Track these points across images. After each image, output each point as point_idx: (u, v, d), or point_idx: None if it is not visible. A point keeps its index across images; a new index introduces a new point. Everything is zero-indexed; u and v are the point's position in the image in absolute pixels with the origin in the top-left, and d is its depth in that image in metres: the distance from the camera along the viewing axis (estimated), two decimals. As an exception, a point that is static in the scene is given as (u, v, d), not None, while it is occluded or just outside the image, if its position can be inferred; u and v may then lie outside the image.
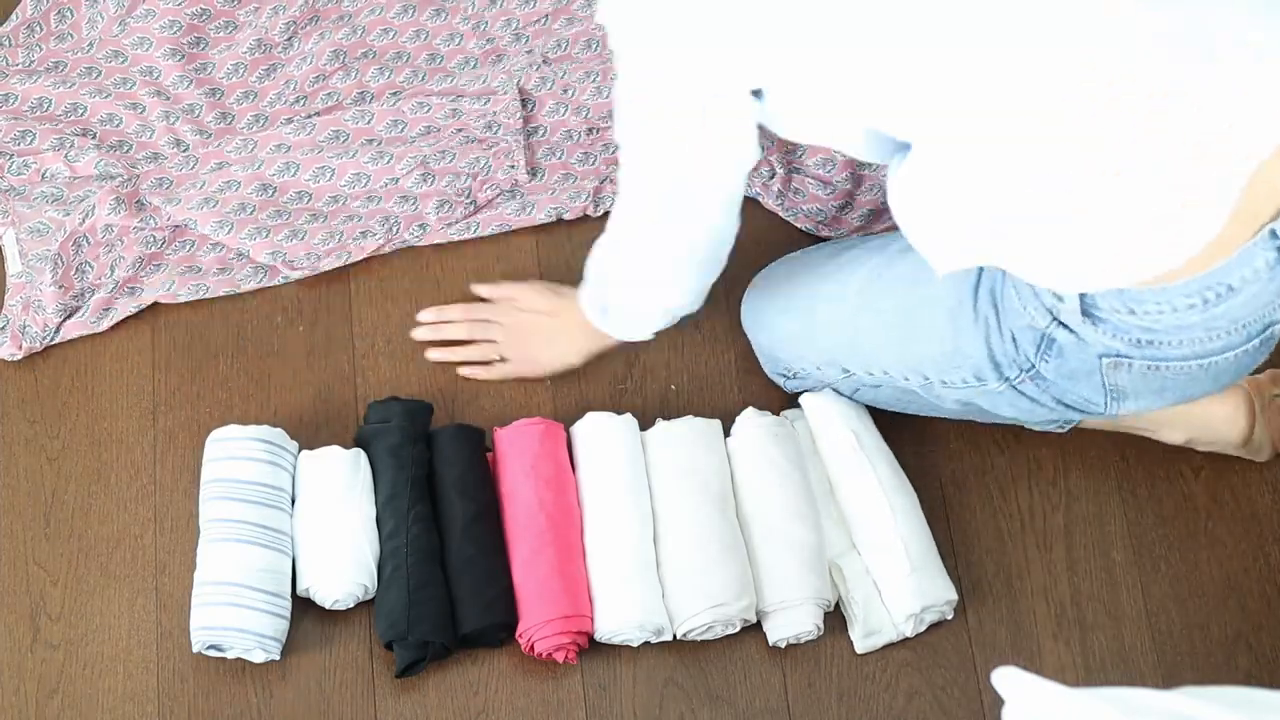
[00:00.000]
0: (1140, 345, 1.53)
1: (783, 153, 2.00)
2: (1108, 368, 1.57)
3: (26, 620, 1.78)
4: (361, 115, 2.01)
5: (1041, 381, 1.63)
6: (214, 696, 1.76)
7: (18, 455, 1.86)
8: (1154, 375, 1.56)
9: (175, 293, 1.92)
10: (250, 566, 1.74)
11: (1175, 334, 1.51)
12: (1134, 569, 1.88)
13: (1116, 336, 1.53)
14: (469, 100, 2.02)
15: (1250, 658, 1.85)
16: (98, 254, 1.93)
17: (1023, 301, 1.58)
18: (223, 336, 1.93)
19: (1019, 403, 1.68)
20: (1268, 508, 1.93)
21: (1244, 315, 1.50)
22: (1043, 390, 1.65)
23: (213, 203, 1.95)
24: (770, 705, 1.79)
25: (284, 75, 2.04)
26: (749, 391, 1.94)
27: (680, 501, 1.81)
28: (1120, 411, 1.63)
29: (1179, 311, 1.49)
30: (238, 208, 1.95)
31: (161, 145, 2.00)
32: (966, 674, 1.82)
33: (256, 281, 1.94)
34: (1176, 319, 1.50)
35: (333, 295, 1.96)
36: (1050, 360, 1.60)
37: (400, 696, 1.77)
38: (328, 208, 1.97)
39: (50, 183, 1.96)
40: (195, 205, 1.95)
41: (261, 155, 1.98)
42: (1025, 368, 1.63)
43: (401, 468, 1.80)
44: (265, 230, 1.94)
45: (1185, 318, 1.49)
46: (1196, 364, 1.55)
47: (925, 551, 1.81)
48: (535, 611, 1.75)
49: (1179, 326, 1.50)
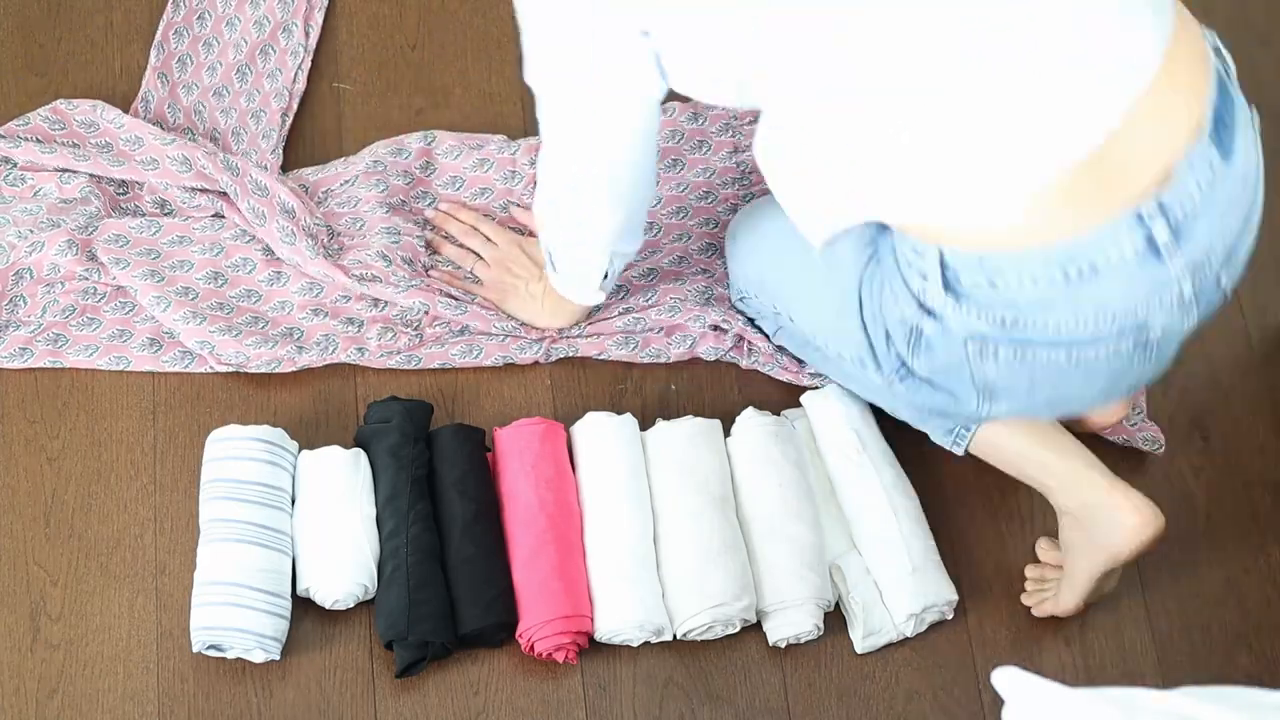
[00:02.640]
0: (1004, 326, 1.50)
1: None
2: (974, 355, 1.54)
3: (26, 620, 1.78)
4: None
5: (913, 380, 1.63)
6: (214, 696, 1.76)
7: (18, 455, 1.86)
8: (1021, 365, 1.53)
9: (95, 361, 1.88)
10: (250, 566, 1.74)
11: (1039, 312, 1.48)
12: (1134, 569, 1.88)
13: (981, 316, 1.51)
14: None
15: (1250, 658, 1.85)
16: (35, 291, 1.90)
17: (894, 293, 1.58)
18: (223, 336, 1.93)
19: (896, 402, 1.70)
20: (1268, 508, 1.93)
21: (1113, 305, 1.48)
22: (915, 390, 1.65)
23: (158, 277, 1.90)
24: (770, 705, 1.79)
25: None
26: (749, 391, 1.94)
27: (680, 501, 1.81)
28: (992, 412, 1.60)
29: (1039, 284, 1.47)
30: (182, 290, 1.91)
31: (146, 201, 1.97)
32: (966, 674, 1.82)
33: (182, 365, 1.89)
34: (1038, 292, 1.47)
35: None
36: (920, 355, 1.59)
37: (400, 696, 1.77)
38: (273, 313, 1.92)
39: (36, 200, 1.94)
40: (141, 275, 1.90)
41: (223, 239, 1.95)
42: (896, 366, 1.63)
43: (401, 468, 1.80)
44: (202, 318, 1.89)
45: (1047, 292, 1.47)
46: (1064, 353, 1.51)
47: (926, 551, 1.81)
48: (535, 611, 1.75)
49: (1042, 302, 1.47)
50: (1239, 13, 2.19)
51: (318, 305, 1.93)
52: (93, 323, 1.90)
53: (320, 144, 2.05)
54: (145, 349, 1.89)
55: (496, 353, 1.92)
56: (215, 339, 1.88)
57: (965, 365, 1.56)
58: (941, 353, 1.57)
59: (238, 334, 1.89)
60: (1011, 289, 1.48)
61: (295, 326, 1.91)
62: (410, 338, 1.91)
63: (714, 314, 1.93)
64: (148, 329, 1.91)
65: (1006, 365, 1.54)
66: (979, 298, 1.50)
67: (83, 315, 1.91)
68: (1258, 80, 2.15)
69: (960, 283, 1.50)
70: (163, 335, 1.90)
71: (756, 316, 1.91)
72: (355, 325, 1.92)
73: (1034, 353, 1.52)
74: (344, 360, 1.90)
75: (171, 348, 1.90)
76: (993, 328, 1.51)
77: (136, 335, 1.90)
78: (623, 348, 1.93)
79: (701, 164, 2.05)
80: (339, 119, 2.07)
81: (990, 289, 1.49)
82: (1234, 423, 1.97)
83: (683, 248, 1.99)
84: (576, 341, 1.93)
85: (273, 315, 1.92)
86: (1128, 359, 1.53)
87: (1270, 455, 1.96)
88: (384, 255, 1.93)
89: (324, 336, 1.91)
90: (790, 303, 1.81)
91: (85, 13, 2.10)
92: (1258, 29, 2.19)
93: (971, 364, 1.55)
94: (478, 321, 1.92)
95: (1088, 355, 1.52)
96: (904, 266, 1.56)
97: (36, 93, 2.03)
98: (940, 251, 1.50)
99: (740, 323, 1.93)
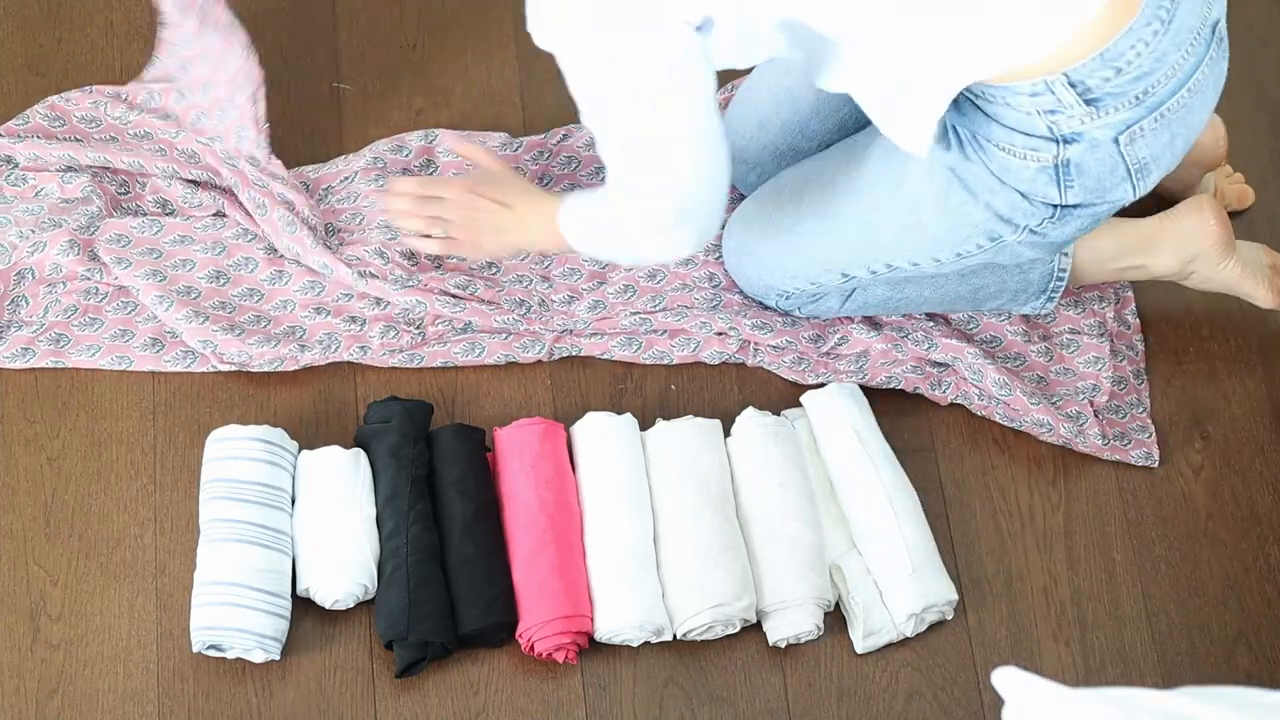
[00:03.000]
0: (1140, 101, 1.59)
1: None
2: (1125, 146, 1.62)
3: (26, 620, 1.78)
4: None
5: (1065, 213, 1.68)
6: (214, 696, 1.76)
7: (18, 455, 1.86)
8: (1162, 127, 1.62)
9: (97, 361, 1.89)
10: (250, 566, 1.74)
11: (1158, 67, 1.58)
12: (1134, 569, 1.88)
13: (1120, 106, 1.59)
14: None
15: (1250, 658, 1.85)
16: (38, 291, 1.90)
17: (1017, 153, 1.63)
18: (223, 336, 1.93)
19: (1040, 243, 1.73)
20: (1268, 508, 1.93)
21: (1194, 22, 1.59)
22: (1063, 223, 1.69)
23: (160, 276, 1.91)
24: (770, 705, 1.79)
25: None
26: (749, 391, 1.94)
27: (680, 501, 1.81)
28: (1148, 187, 1.68)
29: (1150, 43, 1.56)
30: (184, 289, 1.91)
31: (148, 201, 1.97)
32: (966, 674, 1.82)
33: (184, 365, 1.89)
34: (1151, 51, 1.57)
35: (333, 295, 1.96)
36: (1074, 185, 1.65)
37: (400, 696, 1.77)
38: (275, 311, 1.92)
39: (37, 200, 1.94)
40: (143, 274, 1.90)
41: (225, 238, 1.95)
42: (1049, 214, 1.68)
43: (401, 468, 1.80)
44: (204, 316, 1.89)
45: (1156, 45, 1.56)
46: (1186, 92, 1.61)
47: (926, 552, 1.81)
48: (535, 611, 1.75)
49: (1157, 58, 1.57)
50: (1239, 13, 2.19)
51: (320, 304, 1.93)
52: (95, 322, 1.90)
53: (320, 144, 2.05)
54: (147, 348, 1.89)
55: (499, 351, 1.92)
56: (218, 338, 1.88)
57: (1119, 162, 1.63)
58: (1093, 166, 1.63)
59: (240, 333, 1.89)
60: (1133, 64, 1.57)
61: (298, 325, 1.91)
62: (413, 336, 1.91)
63: (720, 320, 1.93)
64: (150, 329, 1.91)
65: (1152, 135, 1.62)
66: (1112, 90, 1.58)
67: (85, 315, 1.91)
68: (1258, 80, 2.15)
69: (1093, 90, 1.58)
70: (165, 335, 1.90)
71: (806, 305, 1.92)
72: (358, 324, 1.92)
73: (1166, 108, 1.61)
74: (347, 359, 1.90)
75: (174, 347, 1.90)
76: (1133, 110, 1.60)
77: (139, 335, 1.90)
78: (626, 348, 1.93)
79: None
80: (339, 119, 2.07)
81: (1119, 76, 1.57)
82: (1234, 423, 1.97)
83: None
84: (580, 341, 1.93)
85: (275, 314, 1.92)
86: (1218, 63, 1.65)
87: (1270, 455, 1.96)
88: (381, 252, 1.93)
89: (326, 335, 1.91)
90: (880, 256, 1.81)
91: (85, 13, 2.10)
92: (1258, 29, 2.19)
93: (1125, 156, 1.63)
94: (478, 318, 1.92)
95: (1198, 78, 1.62)
96: (1018, 125, 1.62)
97: (37, 93, 2.03)
98: (1064, 74, 1.57)
99: (747, 328, 1.93)
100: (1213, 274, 1.95)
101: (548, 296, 1.95)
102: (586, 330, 1.93)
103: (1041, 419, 1.92)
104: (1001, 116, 1.62)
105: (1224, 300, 2.03)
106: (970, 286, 1.90)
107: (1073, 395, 1.95)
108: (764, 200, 1.90)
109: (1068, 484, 1.92)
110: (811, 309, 1.93)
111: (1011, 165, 1.65)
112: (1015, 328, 1.98)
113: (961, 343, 1.94)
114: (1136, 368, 1.99)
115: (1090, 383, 1.96)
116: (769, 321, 1.94)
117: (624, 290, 1.95)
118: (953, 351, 1.93)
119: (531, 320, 1.93)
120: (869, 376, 1.93)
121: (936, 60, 1.58)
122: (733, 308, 1.95)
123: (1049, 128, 1.60)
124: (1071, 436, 1.92)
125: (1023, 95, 1.59)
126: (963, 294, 1.91)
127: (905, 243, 1.78)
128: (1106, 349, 1.97)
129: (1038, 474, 1.92)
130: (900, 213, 1.76)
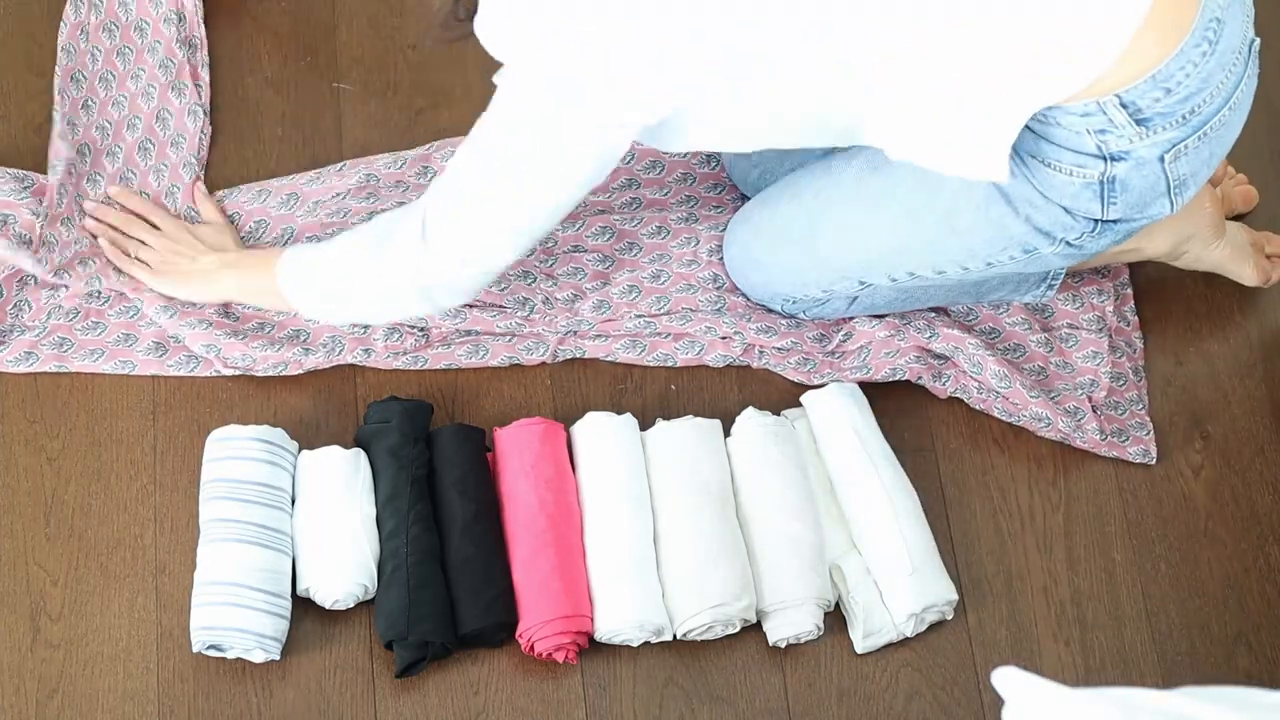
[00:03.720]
0: (1186, 121, 1.61)
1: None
2: (1170, 164, 1.63)
3: (26, 620, 1.78)
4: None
5: (1110, 228, 1.69)
6: (214, 696, 1.76)
7: (18, 455, 1.86)
8: (1203, 144, 1.64)
9: (100, 365, 1.88)
10: (250, 566, 1.74)
11: (1205, 87, 1.60)
12: (1134, 569, 1.88)
13: (1168, 126, 1.61)
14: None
15: (1250, 658, 1.85)
16: (39, 295, 1.90)
17: (1064, 169, 1.64)
18: (223, 336, 1.93)
19: (1074, 255, 1.74)
20: (1268, 508, 1.93)
21: (1236, 42, 1.61)
22: (1101, 236, 1.71)
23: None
24: (770, 705, 1.79)
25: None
26: (749, 391, 1.94)
27: (680, 501, 1.81)
28: (1185, 202, 1.69)
29: (1198, 64, 1.58)
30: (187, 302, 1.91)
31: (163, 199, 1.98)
32: (966, 674, 1.82)
33: (187, 369, 1.89)
34: (1199, 72, 1.58)
35: (333, 295, 1.95)
36: (1117, 202, 1.66)
37: (400, 696, 1.77)
38: (278, 317, 1.92)
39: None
40: (146, 285, 1.90)
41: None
42: (1088, 229, 1.69)
43: (401, 468, 1.80)
44: (207, 323, 1.89)
45: (1204, 66, 1.58)
46: (1227, 110, 1.63)
47: (926, 552, 1.81)
48: (535, 611, 1.75)
49: (1204, 79, 1.59)
50: (1239, 13, 2.20)
51: None
52: (97, 326, 1.90)
53: (320, 144, 2.05)
54: (150, 353, 1.89)
55: (503, 353, 1.92)
56: (221, 342, 1.88)
57: (1161, 179, 1.65)
58: (1137, 183, 1.64)
59: (244, 337, 1.89)
60: (1183, 85, 1.59)
61: (301, 329, 1.91)
62: (417, 338, 1.91)
63: (725, 324, 1.93)
64: (152, 333, 1.90)
65: (1194, 153, 1.64)
66: (1162, 111, 1.60)
67: (87, 320, 1.90)
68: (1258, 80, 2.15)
69: (1144, 110, 1.59)
70: (168, 339, 1.90)
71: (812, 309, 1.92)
72: (361, 326, 1.92)
73: (1209, 127, 1.63)
74: (350, 361, 1.90)
75: (177, 351, 1.90)
76: (1180, 130, 1.61)
77: (142, 339, 1.90)
78: (630, 351, 1.93)
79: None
80: (339, 119, 2.07)
81: (1168, 96, 1.59)
82: (1234, 423, 1.97)
83: (692, 252, 1.98)
84: (584, 344, 1.93)
85: (278, 319, 1.92)
86: (1253, 78, 1.67)
87: (1270, 455, 1.96)
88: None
89: (330, 338, 1.91)
90: (905, 264, 1.81)
91: (85, 13, 2.10)
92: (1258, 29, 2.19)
93: (1168, 173, 1.64)
94: (479, 326, 1.92)
95: (1238, 96, 1.64)
96: (1066, 142, 1.62)
97: (37, 92, 2.03)
98: (1117, 96, 1.58)
99: (752, 332, 1.93)
100: (1203, 254, 1.97)
101: (552, 294, 1.95)
102: (591, 332, 1.93)
103: (1040, 413, 1.92)
104: (1051, 135, 1.63)
105: (1224, 300, 2.03)
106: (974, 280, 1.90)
107: (1071, 390, 1.95)
108: (773, 206, 1.89)
109: (1068, 484, 1.92)
110: (817, 312, 1.93)
111: (1057, 181, 1.65)
112: (1015, 318, 1.98)
113: (963, 333, 1.94)
114: (1135, 364, 1.99)
115: (1089, 378, 1.96)
116: (773, 325, 1.94)
117: (628, 290, 1.95)
118: (953, 341, 1.93)
119: (535, 322, 1.93)
120: (873, 371, 1.92)
121: (1003, 92, 1.58)
122: (737, 310, 1.95)
123: (1098, 146, 1.61)
124: (1069, 432, 1.92)
125: (1074, 115, 1.59)
126: (966, 287, 1.91)
127: (936, 253, 1.78)
128: (1105, 344, 1.97)
129: (1038, 474, 1.92)
130: (934, 223, 1.75)
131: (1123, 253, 1.96)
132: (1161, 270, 2.03)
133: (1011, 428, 1.93)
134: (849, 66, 1.56)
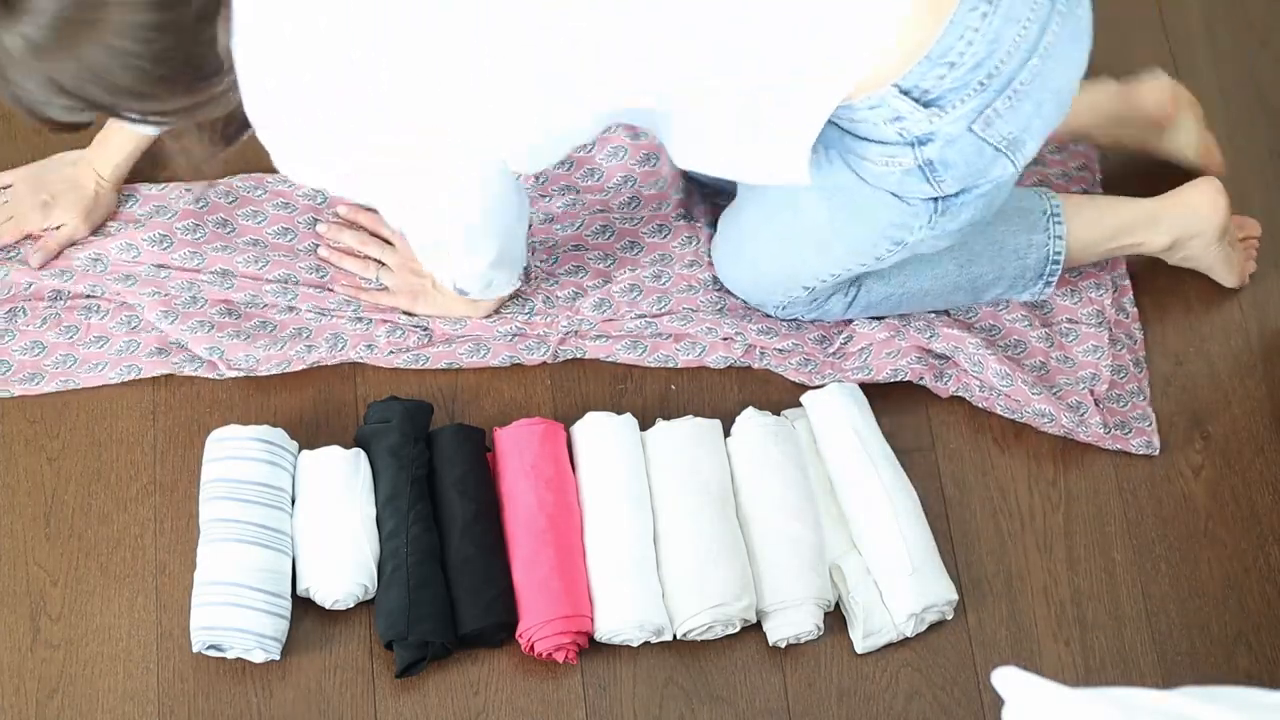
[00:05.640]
0: (986, 86, 1.56)
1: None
2: (982, 130, 1.59)
3: (26, 620, 1.78)
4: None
5: (951, 201, 1.67)
6: (214, 696, 1.76)
7: (18, 455, 1.86)
8: (1018, 100, 1.58)
9: (106, 375, 1.88)
10: (250, 566, 1.74)
11: (996, 48, 1.54)
12: (1134, 569, 1.88)
13: (964, 98, 1.56)
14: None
15: (1250, 658, 1.85)
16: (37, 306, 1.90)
17: (880, 160, 1.63)
18: (223, 336, 1.93)
19: (949, 232, 1.72)
20: (1268, 508, 1.93)
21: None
22: (960, 208, 1.68)
23: (162, 293, 1.90)
24: (770, 705, 1.79)
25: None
26: (749, 391, 1.94)
27: (680, 501, 1.81)
28: (1027, 156, 1.65)
29: (979, 28, 1.52)
30: (189, 300, 1.90)
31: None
32: (966, 674, 1.82)
33: (193, 369, 1.89)
34: (983, 36, 1.53)
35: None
36: (945, 178, 1.63)
37: (400, 696, 1.77)
38: (280, 316, 1.92)
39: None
40: (148, 293, 1.90)
41: (237, 246, 1.94)
42: (932, 210, 1.67)
43: (401, 468, 1.80)
44: (209, 325, 1.88)
45: (988, 29, 1.52)
46: (1036, 60, 1.57)
47: (926, 552, 1.81)
48: (535, 611, 1.75)
49: (992, 40, 1.53)
50: (1239, 13, 2.19)
51: (325, 308, 1.92)
52: (99, 340, 1.89)
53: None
54: (154, 355, 1.89)
55: (504, 352, 1.92)
56: (224, 344, 1.88)
57: (982, 146, 1.61)
58: (956, 157, 1.61)
59: (247, 337, 1.89)
60: (966, 55, 1.53)
61: (304, 327, 1.91)
62: (419, 336, 1.92)
63: (726, 325, 1.93)
64: (154, 338, 1.89)
65: (1009, 113, 1.59)
66: (952, 86, 1.55)
67: (89, 334, 1.90)
68: (1258, 80, 2.15)
69: (930, 91, 1.55)
70: (170, 345, 1.90)
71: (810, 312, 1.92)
72: (364, 324, 1.92)
73: (1018, 83, 1.57)
74: (353, 358, 1.90)
75: (179, 354, 1.89)
76: (981, 97, 1.57)
77: (144, 345, 1.90)
78: (631, 351, 1.93)
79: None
80: (339, 119, 2.06)
81: (953, 71, 1.54)
82: (1234, 423, 1.97)
83: (694, 252, 1.98)
84: (585, 344, 1.93)
85: (280, 319, 1.92)
86: (1064, 19, 1.57)
87: (1270, 455, 1.96)
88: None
89: (333, 335, 1.91)
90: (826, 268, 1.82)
91: (85, 13, 2.10)
92: (1258, 29, 2.19)
93: (986, 139, 1.60)
94: (480, 331, 1.92)
95: (1047, 42, 1.56)
96: (870, 131, 1.60)
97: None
98: (895, 86, 1.55)
99: (753, 333, 1.93)
100: (1200, 254, 1.97)
101: (552, 294, 1.95)
102: (592, 332, 1.93)
103: (1043, 409, 1.92)
104: (856, 130, 1.62)
105: (1224, 300, 2.03)
106: (969, 275, 1.90)
107: (1073, 385, 1.95)
108: (724, 222, 1.92)
109: (1068, 484, 1.92)
110: (814, 314, 1.93)
111: (879, 173, 1.64)
112: (1015, 314, 1.98)
113: (963, 332, 1.94)
114: (1136, 356, 1.99)
115: (1090, 372, 1.96)
116: (774, 326, 1.94)
117: (629, 290, 1.95)
118: (954, 341, 1.93)
119: (536, 323, 1.93)
120: (874, 372, 1.92)
121: (790, 101, 1.57)
122: (737, 311, 1.95)
123: (899, 134, 1.59)
124: (1073, 426, 1.92)
125: (863, 109, 1.58)
126: (962, 283, 1.91)
127: (830, 256, 1.79)
128: (1105, 338, 1.97)
129: (1038, 474, 1.92)
130: (810, 232, 1.77)
131: (1122, 246, 1.96)
132: (1162, 270, 2.02)
133: (1012, 427, 1.93)
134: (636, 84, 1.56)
